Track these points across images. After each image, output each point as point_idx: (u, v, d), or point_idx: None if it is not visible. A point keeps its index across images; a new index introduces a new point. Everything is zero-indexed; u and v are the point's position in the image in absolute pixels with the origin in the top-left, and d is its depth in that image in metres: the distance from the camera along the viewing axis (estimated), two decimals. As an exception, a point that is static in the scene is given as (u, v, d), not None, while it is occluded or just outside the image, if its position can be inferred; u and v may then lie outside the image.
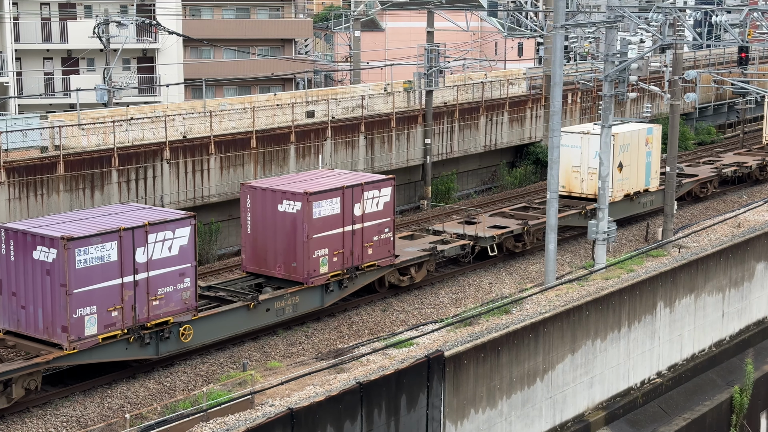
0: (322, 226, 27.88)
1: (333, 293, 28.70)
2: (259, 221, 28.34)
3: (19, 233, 22.94)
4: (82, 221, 23.83)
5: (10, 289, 23.24)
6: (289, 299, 27.45)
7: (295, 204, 27.59)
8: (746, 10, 38.57)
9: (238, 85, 70.29)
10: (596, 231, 29.98)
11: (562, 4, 28.68)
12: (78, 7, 61.78)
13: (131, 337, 23.61)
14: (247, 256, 28.74)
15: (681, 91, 34.82)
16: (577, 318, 26.11)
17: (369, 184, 29.25)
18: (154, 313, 23.96)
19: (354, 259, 28.91)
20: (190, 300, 24.74)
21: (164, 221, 24.08)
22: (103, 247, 22.81)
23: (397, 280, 30.98)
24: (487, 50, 79.69)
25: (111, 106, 42.02)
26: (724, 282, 32.22)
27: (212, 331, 25.59)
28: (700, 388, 31.01)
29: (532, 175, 50.31)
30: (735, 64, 56.24)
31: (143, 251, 23.58)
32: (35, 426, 21.88)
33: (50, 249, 22.41)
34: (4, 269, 23.28)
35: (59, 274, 22.32)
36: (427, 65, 44.21)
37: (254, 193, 28.38)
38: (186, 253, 24.48)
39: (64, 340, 22.44)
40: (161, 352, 24.44)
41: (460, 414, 22.96)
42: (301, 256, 27.62)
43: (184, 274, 24.50)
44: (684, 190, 42.81)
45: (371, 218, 29.29)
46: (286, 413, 19.32)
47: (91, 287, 22.66)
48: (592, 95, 53.96)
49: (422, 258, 31.36)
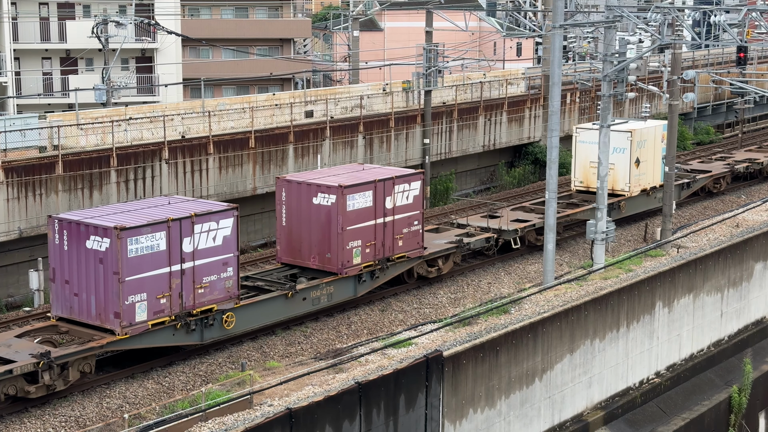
0: (355, 218, 28.78)
1: (365, 283, 29.59)
2: (294, 214, 29.24)
3: (73, 224, 23.84)
4: (132, 212, 24.75)
5: (63, 277, 24.15)
6: (324, 289, 28.41)
7: (329, 197, 28.47)
8: (745, 10, 38.58)
9: (237, 84, 70.27)
10: (595, 231, 29.98)
11: (560, 4, 28.68)
12: (76, 6, 61.75)
13: (178, 324, 24.55)
14: (282, 247, 29.67)
15: (680, 91, 34.83)
16: (576, 318, 26.12)
17: (400, 178, 30.13)
18: (199, 301, 24.96)
19: (385, 251, 29.83)
20: (232, 288, 25.71)
21: (209, 212, 25.03)
22: (152, 236, 23.77)
23: (425, 271, 31.78)
24: (486, 50, 79.69)
25: (109, 106, 42.00)
26: (723, 282, 32.24)
27: (253, 319, 26.52)
28: (699, 387, 31.02)
29: (530, 174, 50.33)
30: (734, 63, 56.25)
31: (189, 241, 24.56)
32: (34, 426, 21.87)
33: (103, 238, 23.31)
34: (57, 258, 24.21)
35: (112, 262, 23.24)
36: (425, 65, 44.21)
37: (289, 187, 29.25)
38: (229, 244, 25.44)
39: (117, 326, 23.39)
40: (206, 338, 25.42)
41: (458, 414, 22.96)
42: (336, 248, 28.53)
43: (227, 263, 25.46)
44: (698, 185, 43.73)
45: (402, 211, 30.21)
46: (285, 413, 19.31)
47: (142, 275, 23.64)
48: (591, 95, 53.98)
49: (449, 250, 32.21)
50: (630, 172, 38.84)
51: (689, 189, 43.15)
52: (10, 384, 21.78)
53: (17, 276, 32.97)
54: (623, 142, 38.77)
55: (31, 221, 32.68)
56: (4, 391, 21.72)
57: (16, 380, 21.86)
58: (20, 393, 22.01)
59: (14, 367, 21.76)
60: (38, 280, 31.33)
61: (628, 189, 39.06)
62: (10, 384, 21.79)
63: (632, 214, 39.98)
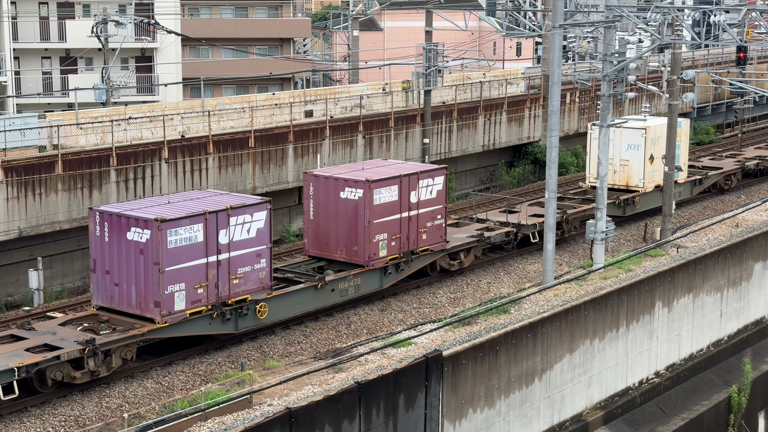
0: (381, 212, 29.57)
1: (391, 275, 30.36)
2: (322, 208, 29.97)
3: (114, 216, 24.66)
4: (170, 205, 25.52)
5: (104, 268, 25.00)
6: (352, 281, 29.17)
7: (357, 191, 29.23)
8: (744, 9, 38.58)
9: (237, 84, 70.26)
10: (594, 231, 29.97)
11: (560, 4, 28.66)
12: (76, 6, 61.75)
13: (214, 313, 25.34)
14: (310, 240, 30.47)
15: (679, 90, 34.82)
16: (576, 318, 26.11)
17: (424, 173, 30.91)
18: (234, 291, 25.75)
19: (410, 244, 30.59)
20: (265, 279, 26.54)
21: (244, 205, 25.83)
22: (191, 228, 24.59)
23: (447, 264, 32.48)
24: (486, 50, 79.67)
25: (109, 106, 41.99)
26: (723, 282, 32.23)
27: (284, 309, 27.33)
28: (698, 387, 31.02)
29: (530, 174, 50.32)
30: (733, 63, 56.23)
31: (225, 233, 25.35)
32: (33, 425, 21.87)
33: (144, 230, 24.15)
34: (98, 249, 25.04)
35: (152, 253, 24.06)
36: (425, 65, 44.20)
37: (317, 181, 29.95)
38: (262, 236, 26.27)
39: (157, 315, 24.23)
40: (240, 327, 26.21)
41: (458, 413, 22.96)
42: (363, 241, 29.28)
43: (261, 255, 26.28)
44: (710, 181, 44.68)
45: (426, 205, 30.96)
46: (285, 413, 19.31)
47: (181, 266, 24.46)
48: (591, 95, 53.98)
49: (471, 244, 32.94)
50: (644, 169, 39.70)
51: (701, 185, 44.09)
52: (57, 369, 22.60)
53: (17, 275, 32.97)
54: (638, 139, 39.60)
55: (31, 221, 32.68)
56: (51, 377, 22.51)
57: (63, 366, 22.68)
58: (66, 378, 22.84)
59: (61, 354, 22.58)
60: (38, 279, 31.33)
61: (642, 185, 39.92)
62: (57, 369, 22.61)
63: (646, 209, 40.81)
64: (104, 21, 45.16)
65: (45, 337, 23.70)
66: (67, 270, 34.48)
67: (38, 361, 22.20)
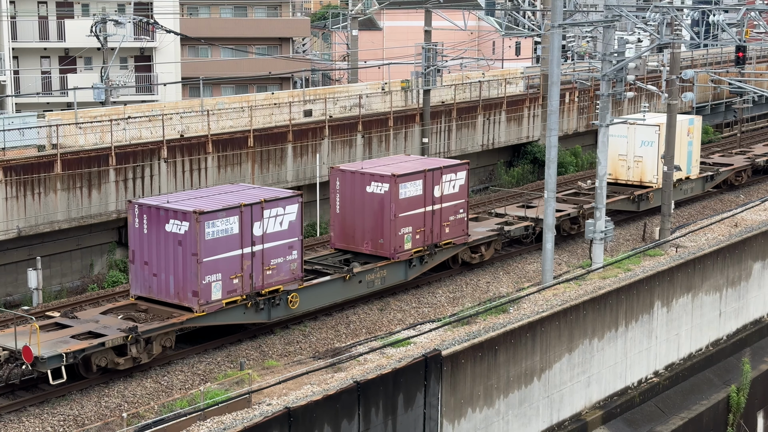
0: (407, 205, 30.29)
1: (415, 268, 31.17)
2: (348, 202, 30.70)
3: (153, 208, 25.47)
4: (206, 198, 26.32)
5: (143, 259, 25.87)
6: (378, 273, 29.96)
7: (383, 185, 29.97)
8: (743, 9, 38.59)
9: (236, 84, 70.23)
10: (593, 230, 29.97)
11: (559, 4, 28.65)
12: (75, 5, 61.70)
13: (249, 303, 26.18)
14: (336, 233, 31.19)
15: (678, 90, 34.82)
16: (575, 317, 26.12)
17: (447, 168, 31.65)
18: (267, 282, 26.57)
19: (433, 237, 31.36)
20: (296, 271, 27.32)
21: (277, 198, 26.59)
22: (227, 220, 25.38)
23: (469, 257, 33.34)
24: (485, 49, 79.70)
25: (108, 105, 41.97)
26: (721, 281, 32.24)
27: (314, 300, 28.12)
28: (697, 387, 31.03)
29: (529, 174, 50.31)
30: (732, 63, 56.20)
31: (259, 225, 26.13)
32: (32, 425, 21.87)
33: (183, 222, 24.95)
34: (137, 241, 25.91)
35: (191, 244, 24.86)
36: (424, 64, 44.19)
37: (343, 176, 30.72)
38: (294, 228, 27.06)
39: (195, 304, 25.07)
40: (272, 317, 27.04)
41: (457, 413, 22.96)
42: (388, 234, 30.03)
43: (292, 247, 27.09)
44: (721, 178, 45.52)
45: (449, 199, 31.71)
46: (284, 412, 19.30)
47: (217, 257, 25.29)
48: (590, 94, 53.97)
49: (491, 237, 33.79)
50: (658, 165, 40.11)
51: (713, 181, 44.96)
52: (102, 356, 23.44)
53: (15, 275, 32.95)
54: (651, 136, 40.22)
55: (30, 220, 32.67)
56: (96, 363, 23.34)
57: (107, 353, 23.53)
58: (110, 365, 23.65)
59: (106, 340, 23.43)
60: (37, 279, 31.33)
61: (655, 181, 40.48)
62: (102, 356, 23.46)
63: (660, 205, 40.73)
64: (103, 20, 45.14)
65: (88, 325, 24.55)
66: (66, 270, 34.47)
67: (84, 347, 23.05)
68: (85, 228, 34.63)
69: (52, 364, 22.29)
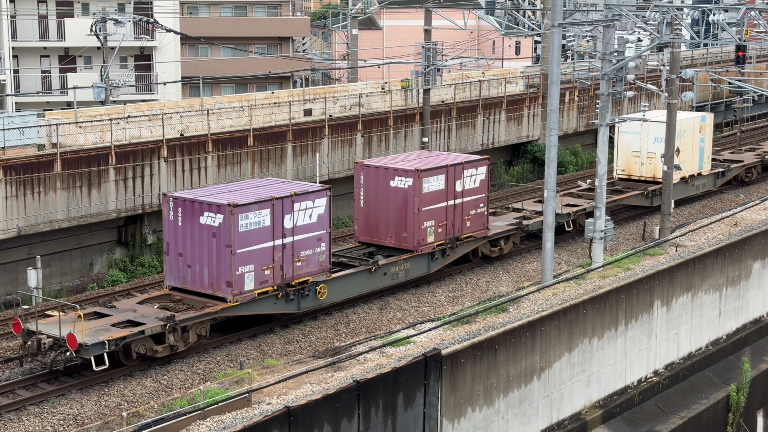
0: (429, 200, 31.07)
1: (438, 260, 31.98)
2: (372, 196, 31.43)
3: (187, 201, 26.25)
4: (239, 191, 27.07)
5: (177, 251, 26.62)
6: (402, 265, 30.82)
7: (406, 180, 30.70)
8: (743, 9, 38.58)
9: (236, 83, 70.23)
10: (593, 229, 29.96)
11: (559, 3, 28.65)
12: (75, 4, 61.72)
13: (279, 293, 26.99)
14: (360, 227, 31.94)
15: (678, 89, 34.82)
16: (574, 316, 26.12)
17: (468, 163, 32.41)
18: (297, 273, 27.38)
19: (455, 231, 32.19)
20: (325, 262, 28.17)
21: (306, 192, 27.43)
22: (259, 213, 26.14)
23: (488, 250, 34.23)
24: (485, 49, 79.69)
25: (108, 104, 41.98)
26: (721, 281, 32.24)
27: (341, 291, 28.99)
28: (697, 386, 31.02)
29: (529, 173, 50.31)
30: (732, 62, 56.15)
31: (290, 218, 26.93)
32: (32, 424, 21.87)
33: (217, 214, 25.73)
34: (172, 233, 26.65)
35: (225, 236, 25.63)
36: (424, 63, 44.19)
37: (367, 171, 31.43)
38: (323, 221, 27.86)
39: (228, 294, 25.88)
40: (302, 307, 27.89)
41: (457, 412, 22.96)
42: (412, 227, 30.81)
43: (321, 239, 27.92)
44: (732, 174, 46.44)
45: (470, 194, 32.56)
46: (283, 411, 19.31)
47: (250, 248, 26.06)
48: (590, 94, 53.97)
49: (510, 231, 34.67)
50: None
51: (724, 177, 45.78)
52: (141, 344, 24.37)
53: (15, 274, 32.95)
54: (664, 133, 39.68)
55: (30, 219, 32.66)
56: (136, 350, 24.27)
57: (146, 340, 24.43)
58: (149, 352, 24.57)
59: (145, 329, 24.33)
60: (36, 278, 31.29)
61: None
62: (141, 344, 24.38)
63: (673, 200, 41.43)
64: (103, 19, 45.14)
65: (127, 314, 25.42)
66: (66, 269, 34.47)
67: (125, 335, 23.94)
68: (84, 227, 34.63)
69: (95, 351, 23.23)
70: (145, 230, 36.16)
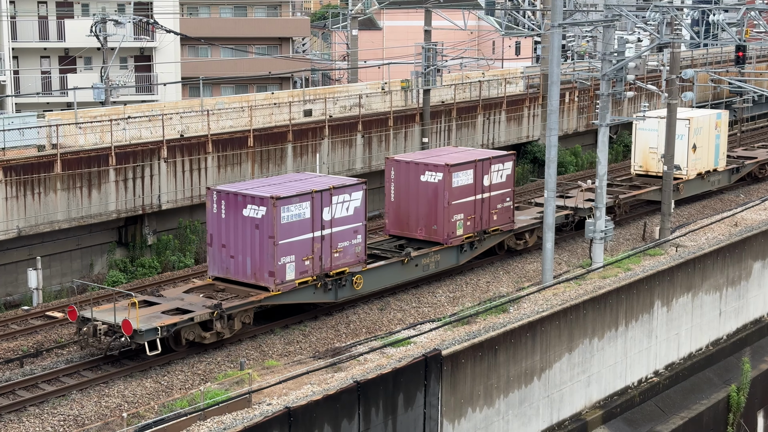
0: (459, 194, 32.01)
1: (466, 253, 32.95)
2: (402, 190, 32.37)
3: (231, 194, 27.30)
4: (280, 185, 28.01)
5: (220, 242, 27.67)
6: (432, 257, 31.70)
7: (437, 175, 31.64)
8: (743, 9, 38.59)
9: (236, 83, 70.23)
10: (593, 230, 29.96)
11: (559, 3, 28.65)
12: (75, 5, 61.70)
13: (318, 283, 28.04)
14: (390, 220, 32.95)
15: (678, 90, 34.83)
16: (575, 317, 26.12)
17: (495, 159, 33.39)
18: (334, 264, 28.42)
19: (482, 224, 33.18)
20: (360, 254, 29.20)
21: (344, 185, 28.41)
22: (300, 206, 27.14)
23: (514, 244, 35.21)
24: (485, 49, 79.71)
25: (108, 105, 41.98)
26: (722, 281, 32.24)
27: (376, 281, 29.90)
28: (697, 386, 31.03)
29: (529, 173, 50.30)
30: (732, 63, 56.17)
31: (328, 211, 27.96)
32: (32, 425, 21.87)
33: (260, 207, 26.73)
34: (215, 225, 27.71)
35: (268, 227, 26.65)
36: (424, 64, 44.18)
37: (398, 166, 32.38)
38: (359, 214, 28.82)
39: (271, 283, 26.94)
40: (339, 297, 28.94)
41: (457, 413, 22.96)
42: (442, 220, 31.74)
43: (357, 231, 28.90)
44: (746, 170, 47.24)
45: (496, 188, 33.48)
46: (284, 412, 19.30)
47: (291, 239, 27.09)
48: (590, 94, 53.96)
49: (534, 225, 35.45)
50: (688, 157, 42.09)
51: (738, 173, 46.63)
52: (190, 330, 25.35)
53: (15, 275, 32.95)
54: (682, 129, 41.52)
55: (30, 220, 32.66)
56: (185, 336, 25.26)
57: (195, 327, 25.43)
58: (197, 339, 25.56)
59: (194, 316, 25.31)
60: (37, 278, 31.32)
61: (685, 173, 42.28)
62: (191, 330, 25.35)
63: (689, 195, 43.38)
64: (103, 20, 45.14)
65: (175, 302, 26.33)
66: (66, 269, 34.47)
67: (176, 321, 24.94)
68: (85, 228, 34.63)
69: (149, 336, 24.20)
70: (145, 231, 36.17)
